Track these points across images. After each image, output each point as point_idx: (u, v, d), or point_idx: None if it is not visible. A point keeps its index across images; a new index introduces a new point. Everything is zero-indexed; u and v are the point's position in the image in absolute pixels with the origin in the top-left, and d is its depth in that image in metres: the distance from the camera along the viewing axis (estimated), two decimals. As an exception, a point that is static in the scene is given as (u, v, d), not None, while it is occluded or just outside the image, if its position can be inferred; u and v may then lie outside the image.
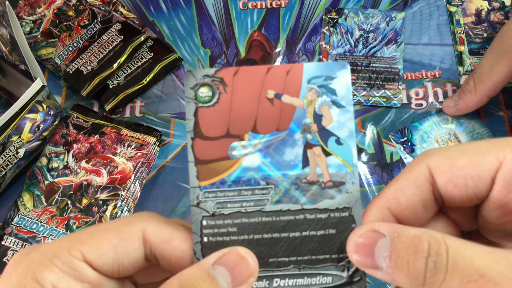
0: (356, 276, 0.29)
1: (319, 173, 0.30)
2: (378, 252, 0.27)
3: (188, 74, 0.30)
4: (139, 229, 0.29)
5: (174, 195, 0.56)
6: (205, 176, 0.30)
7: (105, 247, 0.28)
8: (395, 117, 0.58)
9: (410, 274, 0.25)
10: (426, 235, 0.26)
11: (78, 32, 0.62)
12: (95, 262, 0.28)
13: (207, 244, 0.29)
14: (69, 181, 0.54)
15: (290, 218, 0.29)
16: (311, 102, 0.30)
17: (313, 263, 0.29)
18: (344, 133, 0.30)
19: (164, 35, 0.65)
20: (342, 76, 0.30)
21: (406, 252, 0.26)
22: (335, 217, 0.29)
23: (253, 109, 0.30)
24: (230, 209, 0.29)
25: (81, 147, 0.55)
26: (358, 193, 0.29)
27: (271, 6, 0.66)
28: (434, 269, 0.25)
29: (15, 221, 0.53)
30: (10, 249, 0.51)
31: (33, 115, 0.55)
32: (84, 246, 0.28)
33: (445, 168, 0.28)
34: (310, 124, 0.30)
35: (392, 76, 0.59)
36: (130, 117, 0.60)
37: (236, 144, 0.30)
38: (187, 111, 0.30)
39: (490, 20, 0.62)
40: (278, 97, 0.30)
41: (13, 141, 0.54)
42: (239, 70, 0.30)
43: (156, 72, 0.61)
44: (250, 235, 0.29)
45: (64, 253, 0.28)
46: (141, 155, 0.54)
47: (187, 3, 0.67)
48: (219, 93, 0.29)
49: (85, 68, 0.60)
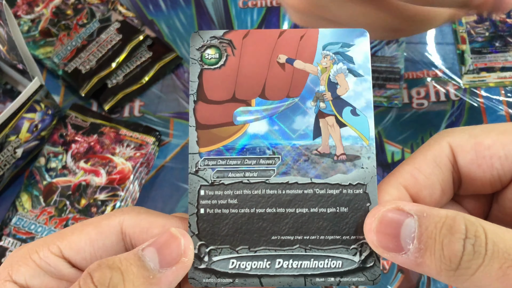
0: (370, 262, 0.27)
1: (332, 145, 0.27)
2: (405, 232, 0.24)
3: (194, 34, 0.28)
4: (117, 222, 0.28)
5: (173, 195, 0.55)
6: (206, 142, 0.28)
7: (83, 242, 0.27)
8: (396, 117, 0.58)
9: (443, 257, 0.23)
10: (460, 216, 0.23)
11: (77, 31, 0.61)
12: (73, 258, 0.27)
13: (204, 216, 0.27)
14: (67, 181, 0.53)
15: (298, 192, 0.27)
16: (326, 69, 0.28)
17: (321, 244, 0.27)
18: (360, 103, 0.28)
19: (163, 34, 0.64)
20: (360, 43, 0.28)
21: (439, 233, 0.23)
22: (348, 194, 0.27)
23: (262, 74, 0.28)
24: (231, 179, 0.27)
25: (79, 147, 0.55)
26: (375, 169, 0.27)
27: (271, 5, 0.65)
28: (473, 252, 0.22)
29: (13, 221, 0.52)
30: (8, 250, 0.51)
31: (31, 115, 0.54)
32: (63, 241, 0.27)
33: (469, 147, 0.26)
34: (324, 92, 0.28)
35: (393, 75, 0.59)
36: (129, 117, 0.60)
37: (242, 110, 0.28)
38: (191, 72, 0.28)
39: (492, 19, 0.62)
40: (290, 62, 0.28)
41: (11, 141, 0.53)
42: (250, 33, 0.28)
43: (156, 72, 0.61)
44: (251, 209, 0.27)
45: (44, 249, 0.27)
46: (140, 155, 0.54)
47: (187, 2, 0.66)
48: (226, 56, 0.28)
49: (84, 67, 0.59)
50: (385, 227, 0.25)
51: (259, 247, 0.27)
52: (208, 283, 0.27)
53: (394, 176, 0.27)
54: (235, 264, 0.27)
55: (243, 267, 0.27)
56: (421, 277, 0.49)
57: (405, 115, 0.58)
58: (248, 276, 0.27)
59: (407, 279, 0.49)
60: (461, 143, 0.26)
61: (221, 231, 0.27)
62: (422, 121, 0.57)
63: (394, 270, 0.50)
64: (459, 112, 0.57)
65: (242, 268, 0.27)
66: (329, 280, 0.27)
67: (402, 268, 0.49)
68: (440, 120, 0.57)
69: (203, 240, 0.27)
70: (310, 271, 0.27)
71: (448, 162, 0.27)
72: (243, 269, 0.27)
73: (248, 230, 0.27)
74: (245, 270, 0.27)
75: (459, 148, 0.26)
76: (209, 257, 0.27)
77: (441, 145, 0.27)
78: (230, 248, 0.27)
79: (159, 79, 0.62)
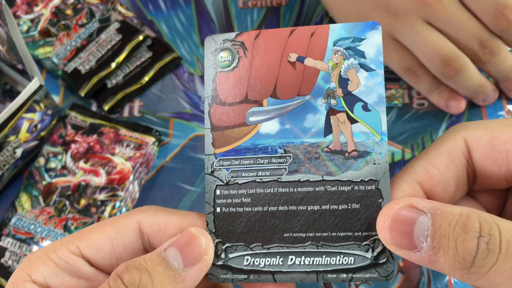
0: (382, 258, 0.27)
1: (343, 141, 0.27)
2: (418, 230, 0.24)
3: (208, 38, 0.29)
4: (135, 221, 0.28)
5: (173, 196, 0.55)
6: (221, 143, 0.28)
7: (102, 241, 0.28)
8: (397, 117, 0.58)
9: (456, 256, 0.23)
10: (474, 214, 0.23)
11: (76, 31, 0.61)
12: (92, 257, 0.28)
13: (220, 215, 0.28)
14: (67, 181, 0.53)
15: (309, 190, 0.27)
16: (337, 65, 0.28)
17: (333, 240, 0.27)
18: (372, 98, 0.27)
19: (163, 34, 0.64)
20: (372, 37, 0.27)
21: (453, 231, 0.23)
22: (360, 190, 0.27)
23: (273, 73, 0.28)
24: (244, 178, 0.28)
25: (79, 147, 0.55)
26: (387, 165, 0.27)
27: (271, 5, 0.65)
28: (487, 250, 0.22)
29: (12, 222, 0.52)
30: (7, 250, 0.51)
31: (31, 115, 0.54)
32: (82, 241, 0.28)
33: (484, 142, 0.26)
34: (335, 88, 0.28)
35: (394, 76, 0.59)
36: (128, 117, 0.60)
37: (254, 110, 0.28)
38: (206, 76, 0.28)
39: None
40: (300, 60, 0.28)
41: (10, 141, 0.53)
42: (261, 33, 0.28)
43: (155, 72, 0.60)
44: (264, 207, 0.28)
45: (62, 248, 0.27)
46: (140, 155, 0.54)
47: (186, 2, 0.66)
48: (239, 57, 0.28)
49: (83, 67, 0.59)
50: (398, 225, 0.25)
51: (272, 244, 0.27)
52: (225, 278, 0.28)
53: (407, 171, 0.27)
54: (249, 260, 0.28)
55: (257, 264, 0.28)
56: (421, 278, 0.49)
57: (405, 115, 0.58)
58: (262, 272, 0.28)
59: (407, 279, 0.49)
60: (476, 137, 0.26)
61: (236, 229, 0.28)
62: (422, 121, 0.57)
63: (394, 270, 0.49)
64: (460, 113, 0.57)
65: (256, 264, 0.28)
66: (341, 276, 0.27)
67: (403, 268, 0.49)
68: (440, 121, 0.57)
69: (220, 237, 0.28)
70: (322, 268, 0.27)
71: (463, 157, 0.26)
72: (257, 266, 0.28)
73: (262, 227, 0.28)
74: (259, 266, 0.28)
75: (474, 142, 0.26)
76: (225, 254, 0.28)
77: (456, 139, 0.26)
78: (245, 245, 0.28)
79: (159, 79, 0.61)
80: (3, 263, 0.50)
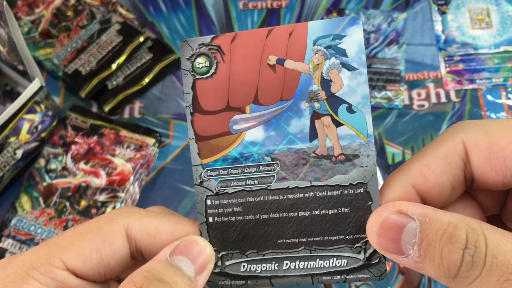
0: (374, 259, 0.27)
1: (329, 146, 0.27)
2: (406, 237, 0.24)
3: (183, 44, 0.27)
4: (121, 227, 0.27)
5: (173, 197, 0.55)
6: (207, 153, 0.28)
7: (88, 251, 0.26)
8: (397, 119, 0.58)
9: (442, 266, 0.23)
10: (462, 223, 0.23)
11: (77, 33, 0.61)
12: (78, 268, 0.26)
13: (213, 225, 0.28)
14: (67, 182, 0.53)
15: (299, 196, 0.27)
16: (318, 66, 0.27)
17: (325, 244, 0.27)
18: (356, 99, 0.26)
19: (163, 36, 0.64)
20: (353, 33, 0.26)
21: (439, 241, 0.23)
22: (349, 194, 0.27)
23: (253, 78, 0.27)
24: (234, 187, 0.28)
25: (79, 148, 0.55)
26: (375, 167, 0.26)
27: (271, 7, 0.65)
28: (471, 263, 0.22)
29: (12, 223, 0.52)
30: (7, 251, 0.51)
31: (31, 116, 0.54)
32: (64, 253, 0.26)
33: (483, 146, 0.25)
34: (318, 91, 0.27)
35: (394, 77, 0.59)
36: (129, 118, 0.60)
37: (237, 118, 0.27)
38: (185, 84, 0.28)
39: (492, 21, 0.62)
40: (280, 62, 0.27)
41: (11, 142, 0.53)
42: (237, 35, 0.27)
43: (156, 73, 0.60)
44: (256, 215, 0.27)
45: (43, 264, 0.26)
46: (140, 157, 0.54)
47: (187, 4, 0.66)
48: (216, 63, 0.27)
49: (84, 69, 0.59)
50: (386, 232, 0.24)
51: (267, 251, 0.28)
52: (224, 285, 0.28)
53: (402, 173, 0.26)
54: (246, 267, 0.28)
55: (253, 270, 0.28)
56: (421, 279, 0.49)
57: (406, 116, 0.58)
58: (259, 277, 0.28)
59: (408, 280, 0.49)
60: (476, 141, 0.25)
61: (230, 237, 0.28)
62: (422, 122, 0.57)
63: (395, 272, 0.49)
64: (460, 114, 0.57)
65: (253, 270, 0.28)
66: (335, 278, 0.27)
67: (403, 269, 0.49)
68: (440, 122, 0.57)
69: (215, 246, 0.28)
70: (317, 271, 0.27)
71: (460, 160, 0.26)
72: (254, 272, 0.28)
73: (255, 235, 0.28)
74: (255, 272, 0.28)
75: (473, 146, 0.25)
76: (222, 262, 0.28)
77: (454, 141, 0.26)
78: (240, 252, 0.28)
79: (159, 80, 0.62)
80: (3, 264, 0.50)
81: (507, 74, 0.59)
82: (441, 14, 0.63)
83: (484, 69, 0.59)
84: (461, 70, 0.60)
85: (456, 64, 0.60)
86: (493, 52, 0.60)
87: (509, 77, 0.59)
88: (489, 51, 0.60)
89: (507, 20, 0.62)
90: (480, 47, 0.61)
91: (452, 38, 0.62)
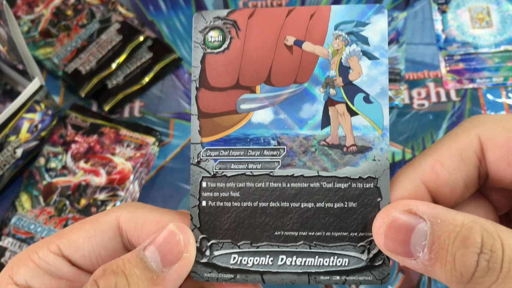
0: (378, 260, 0.25)
1: (341, 135, 0.25)
2: (415, 239, 0.22)
3: (197, 15, 0.26)
4: (114, 218, 0.27)
5: (173, 196, 0.55)
6: (209, 131, 0.26)
7: (81, 240, 0.27)
8: (397, 118, 0.58)
9: (454, 270, 0.21)
10: (477, 226, 0.21)
11: (77, 32, 0.61)
12: (72, 256, 0.27)
13: (206, 209, 0.26)
14: (67, 181, 0.53)
15: (303, 186, 0.25)
16: (337, 51, 0.25)
17: (327, 240, 0.25)
18: (375, 89, 0.25)
19: (163, 35, 0.64)
20: (377, 22, 0.25)
21: (452, 244, 0.21)
22: (358, 188, 0.25)
23: (268, 58, 0.26)
24: (234, 170, 0.26)
25: (79, 147, 0.55)
26: (387, 161, 0.25)
27: (271, 6, 0.65)
28: (486, 268, 0.21)
29: (12, 221, 0.52)
30: (7, 249, 0.51)
31: (31, 115, 0.54)
32: (62, 239, 0.27)
33: (500, 142, 0.24)
34: (335, 77, 0.26)
35: (394, 76, 0.59)
36: (129, 117, 0.60)
37: (245, 97, 0.26)
38: (194, 57, 0.26)
39: (492, 20, 0.62)
40: (298, 44, 0.26)
41: (11, 141, 0.53)
42: (256, 12, 0.26)
43: (156, 72, 0.60)
44: (254, 202, 0.26)
45: (43, 248, 0.26)
46: (140, 155, 0.54)
47: (187, 3, 0.66)
48: (230, 38, 0.26)
49: (84, 68, 0.59)
50: (395, 233, 0.23)
51: (262, 243, 0.26)
52: (209, 278, 0.26)
53: (413, 168, 0.25)
54: (236, 259, 0.26)
55: (244, 263, 0.26)
56: (421, 277, 0.49)
57: (406, 115, 0.58)
58: (249, 272, 0.26)
59: (407, 279, 0.49)
60: (493, 136, 0.24)
61: (222, 224, 0.26)
62: (422, 121, 0.57)
63: (395, 270, 0.49)
64: (460, 113, 0.57)
65: (244, 263, 0.26)
66: (334, 279, 0.25)
67: (403, 268, 0.49)
68: (440, 121, 0.57)
69: (205, 233, 0.26)
70: (315, 269, 0.26)
71: (475, 157, 0.24)
72: (244, 265, 0.26)
73: (251, 224, 0.26)
74: (246, 266, 0.26)
75: (490, 142, 0.24)
76: (210, 251, 0.26)
77: (469, 137, 0.24)
78: (232, 242, 0.26)
79: (159, 79, 0.61)
80: (3, 263, 0.50)
81: (507, 73, 0.59)
82: (441, 13, 0.63)
83: (484, 68, 0.59)
84: (461, 69, 0.60)
85: (456, 63, 0.60)
86: (493, 51, 0.60)
87: (509, 76, 0.59)
88: (489, 50, 0.60)
89: (507, 19, 0.62)
90: (480, 46, 0.61)
91: (452, 37, 0.62)
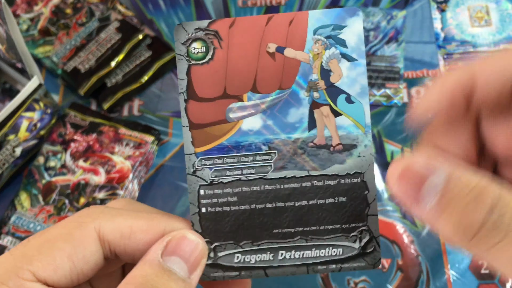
0: (369, 247, 0.27)
1: (328, 135, 0.27)
2: (428, 187, 0.22)
3: (178, 27, 0.27)
4: (92, 230, 0.26)
5: (172, 195, 0.55)
6: (201, 141, 0.27)
7: (59, 260, 0.25)
8: (396, 116, 0.58)
9: (460, 224, 0.21)
10: (492, 187, 0.21)
11: (76, 30, 0.61)
12: (49, 278, 0.25)
13: (206, 215, 0.27)
14: (66, 180, 0.53)
15: (296, 186, 0.27)
16: (318, 55, 0.27)
17: (321, 233, 0.27)
18: (355, 90, 0.27)
19: (162, 33, 0.64)
20: (353, 24, 0.26)
21: (463, 198, 0.21)
22: (346, 183, 0.27)
23: (252, 66, 0.27)
24: (229, 177, 0.27)
25: (78, 146, 0.55)
26: (372, 157, 0.27)
27: (270, 4, 0.65)
28: (492, 228, 0.21)
29: (12, 220, 0.52)
30: (6, 248, 0.51)
31: (30, 114, 0.54)
32: (33, 263, 0.25)
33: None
34: (317, 80, 0.27)
35: (393, 75, 0.59)
36: (128, 116, 0.60)
37: (234, 106, 0.27)
38: (179, 69, 0.27)
39: (491, 18, 0.62)
40: (280, 51, 0.27)
41: (10, 140, 0.53)
42: (236, 21, 0.27)
43: (155, 71, 0.60)
44: (252, 205, 0.27)
45: (12, 277, 0.24)
46: (139, 154, 0.54)
47: (186, 1, 0.66)
48: (213, 49, 0.27)
49: (83, 66, 0.59)
50: (408, 178, 0.23)
51: (262, 241, 0.27)
52: (216, 277, 0.28)
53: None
54: (240, 258, 0.28)
55: (247, 260, 0.28)
56: (420, 275, 0.49)
57: (405, 114, 0.58)
58: (253, 268, 0.28)
59: (406, 277, 0.49)
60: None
61: (224, 228, 0.28)
62: (421, 120, 0.57)
63: (393, 269, 0.49)
64: (459, 111, 0.57)
65: (247, 261, 0.28)
66: (330, 267, 0.27)
67: (402, 266, 0.49)
68: (439, 119, 0.57)
69: (207, 237, 0.28)
70: (312, 260, 0.27)
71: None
72: (248, 262, 0.28)
73: (250, 225, 0.27)
74: (250, 263, 0.28)
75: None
76: (214, 253, 0.28)
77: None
78: (234, 243, 0.28)
79: (159, 78, 0.61)
80: (3, 262, 0.50)
81: (506, 72, 0.59)
82: (440, 12, 0.63)
83: (483, 66, 0.59)
84: (460, 68, 0.60)
85: (455, 62, 0.60)
86: (492, 50, 0.60)
87: (508, 75, 0.59)
88: (489, 49, 0.60)
89: (507, 18, 0.62)
90: (479, 45, 0.61)
91: (451, 35, 0.62)
